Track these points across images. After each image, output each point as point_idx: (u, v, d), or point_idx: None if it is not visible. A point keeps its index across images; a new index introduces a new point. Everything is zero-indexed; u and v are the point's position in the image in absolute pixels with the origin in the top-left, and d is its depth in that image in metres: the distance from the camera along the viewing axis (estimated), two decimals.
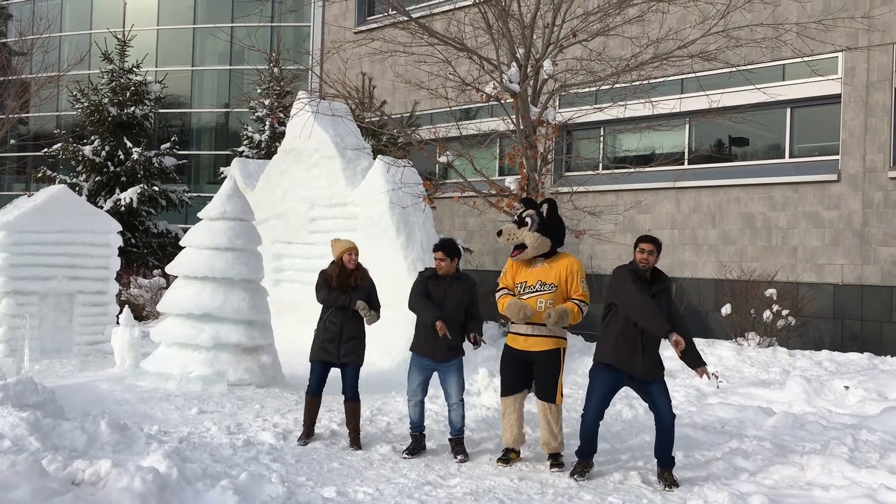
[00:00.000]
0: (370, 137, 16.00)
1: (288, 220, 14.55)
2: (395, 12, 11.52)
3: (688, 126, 16.17)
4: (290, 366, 10.19)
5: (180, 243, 10.30)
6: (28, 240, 11.96)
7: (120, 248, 12.99)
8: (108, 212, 18.25)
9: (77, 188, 20.13)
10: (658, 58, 10.83)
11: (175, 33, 27.79)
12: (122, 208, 20.09)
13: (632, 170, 12.51)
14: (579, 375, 11.38)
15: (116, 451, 6.29)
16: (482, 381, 9.52)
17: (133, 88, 21.88)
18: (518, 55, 10.76)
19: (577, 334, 14.43)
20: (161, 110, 24.78)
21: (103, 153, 21.14)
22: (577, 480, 6.44)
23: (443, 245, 7.19)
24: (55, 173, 21.48)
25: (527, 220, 6.82)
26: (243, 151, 21.14)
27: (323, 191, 14.03)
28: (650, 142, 16.08)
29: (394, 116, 16.07)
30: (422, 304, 7.06)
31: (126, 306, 11.94)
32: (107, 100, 21.53)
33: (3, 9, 30.16)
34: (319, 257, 12.27)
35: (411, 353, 7.24)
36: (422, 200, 12.23)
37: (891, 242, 13.58)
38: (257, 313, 9.93)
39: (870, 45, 13.71)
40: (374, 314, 7.48)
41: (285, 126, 16.33)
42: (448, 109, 12.72)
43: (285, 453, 7.04)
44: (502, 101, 11.13)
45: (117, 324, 11.42)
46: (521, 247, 6.80)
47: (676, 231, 15.95)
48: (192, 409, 8.46)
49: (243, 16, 23.76)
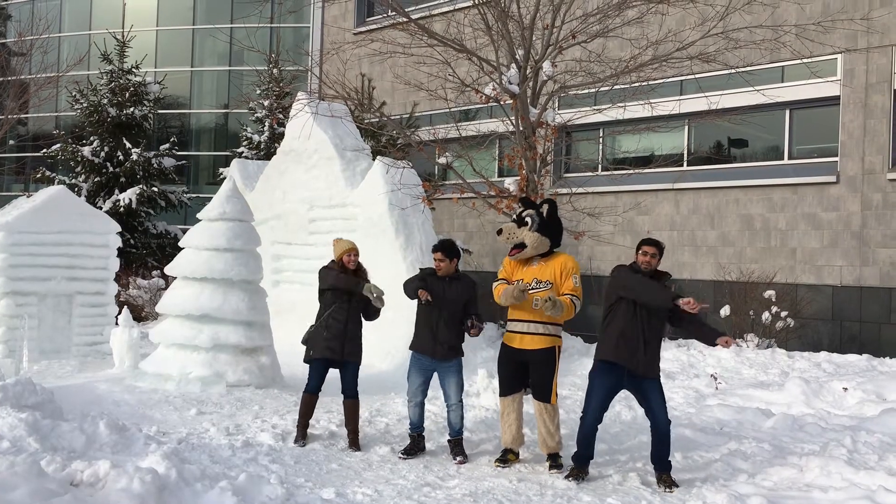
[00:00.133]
0: (369, 138, 16.00)
1: (287, 220, 14.54)
2: (394, 13, 11.54)
3: (687, 127, 16.18)
4: (289, 367, 10.17)
5: (179, 244, 10.29)
6: (27, 240, 11.96)
7: (119, 249, 13.00)
8: (107, 212, 18.26)
9: (76, 189, 20.13)
10: (657, 59, 10.85)
11: (174, 34, 27.76)
12: (121, 209, 20.09)
13: (631, 171, 12.51)
14: (578, 376, 11.39)
15: (115, 452, 6.28)
16: (481, 382, 9.52)
17: (132, 89, 21.90)
18: (517, 56, 10.76)
19: (576, 335, 14.44)
20: (160, 111, 24.77)
21: (102, 154, 21.14)
22: (571, 482, 6.43)
23: (442, 246, 7.18)
24: (54, 174, 21.47)
25: (527, 219, 6.83)
26: (242, 152, 21.13)
27: (322, 192, 14.03)
28: (649, 143, 16.09)
29: (393, 117, 16.07)
30: (411, 279, 7.13)
31: (125, 307, 11.94)
32: (106, 100, 21.53)
33: (3, 9, 30.13)
34: (318, 258, 12.21)
35: (411, 352, 7.23)
36: (421, 201, 12.23)
37: (889, 244, 13.58)
38: (256, 314, 9.92)
39: (869, 46, 13.72)
40: (381, 297, 7.44)
41: (284, 127, 16.33)
42: (447, 111, 12.72)
43: (284, 454, 7.03)
44: (501, 103, 11.14)
45: (116, 325, 11.41)
46: (520, 246, 6.82)
47: (675, 232, 15.95)
48: (190, 410, 8.46)
49: (243, 16, 23.75)
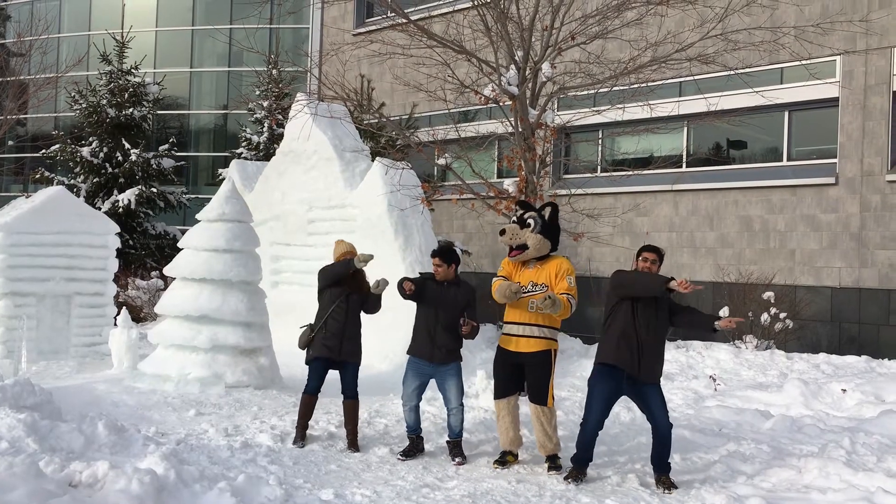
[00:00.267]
0: (369, 139, 16.02)
1: (286, 221, 14.54)
2: (393, 14, 11.54)
3: (686, 129, 16.19)
4: (287, 367, 10.17)
5: (178, 245, 10.29)
6: (26, 241, 11.95)
7: (118, 250, 12.99)
8: (106, 213, 18.29)
9: (75, 189, 20.10)
10: (656, 61, 10.86)
11: (173, 35, 27.75)
12: (120, 210, 20.07)
13: (630, 172, 12.51)
14: (577, 378, 11.39)
15: (114, 453, 6.27)
16: (480, 383, 9.53)
17: (131, 90, 21.88)
18: (516, 58, 10.77)
19: (574, 336, 14.45)
20: (159, 112, 24.76)
21: (101, 154, 21.12)
22: (570, 483, 6.43)
23: (440, 251, 7.15)
24: (53, 174, 21.43)
25: (529, 221, 6.83)
26: (242, 153, 21.12)
27: (321, 192, 14.03)
28: (648, 144, 16.10)
29: (392, 118, 16.07)
30: (404, 279, 6.92)
31: (124, 308, 11.94)
32: (105, 101, 21.51)
33: (2, 10, 30.12)
34: (317, 259, 12.25)
35: (408, 356, 7.19)
36: (420, 202, 12.23)
37: (888, 246, 13.59)
38: (255, 315, 9.92)
39: (868, 48, 13.73)
40: (382, 280, 7.39)
41: (284, 128, 16.34)
42: (447, 112, 12.73)
43: (283, 455, 7.03)
44: (501, 104, 11.14)
45: (115, 325, 11.41)
46: (522, 247, 6.81)
47: (674, 234, 15.95)
48: (189, 411, 8.45)
49: (242, 17, 23.75)
